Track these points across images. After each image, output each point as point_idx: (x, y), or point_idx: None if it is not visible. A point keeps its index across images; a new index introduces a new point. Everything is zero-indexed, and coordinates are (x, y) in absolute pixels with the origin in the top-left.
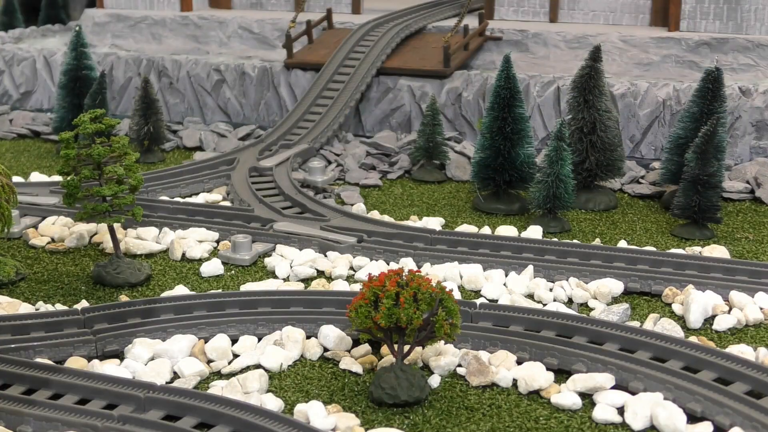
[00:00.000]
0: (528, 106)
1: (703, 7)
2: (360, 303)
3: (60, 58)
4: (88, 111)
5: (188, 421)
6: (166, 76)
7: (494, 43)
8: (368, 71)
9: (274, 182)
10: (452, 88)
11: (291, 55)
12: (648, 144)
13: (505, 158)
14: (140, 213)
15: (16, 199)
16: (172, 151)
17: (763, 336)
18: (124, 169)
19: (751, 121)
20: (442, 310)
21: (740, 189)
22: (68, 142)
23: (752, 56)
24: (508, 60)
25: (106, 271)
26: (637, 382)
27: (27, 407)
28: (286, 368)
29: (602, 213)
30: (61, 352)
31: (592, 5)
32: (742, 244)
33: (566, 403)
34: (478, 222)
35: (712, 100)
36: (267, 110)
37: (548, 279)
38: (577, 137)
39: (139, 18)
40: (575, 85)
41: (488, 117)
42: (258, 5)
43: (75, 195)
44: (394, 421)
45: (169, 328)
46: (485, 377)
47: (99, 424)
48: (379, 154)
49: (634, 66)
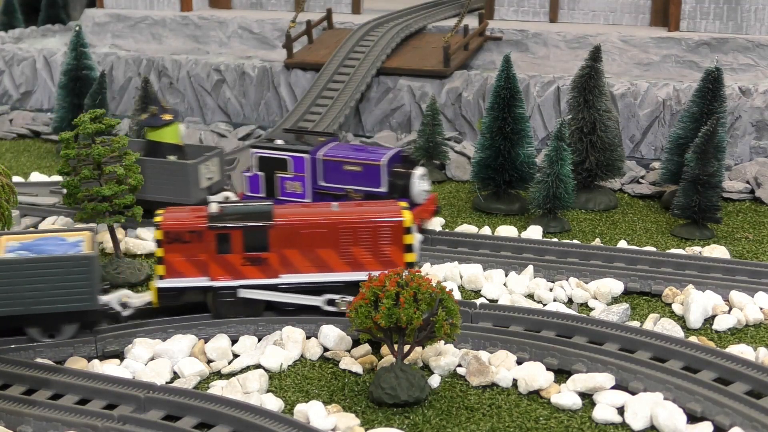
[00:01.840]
0: (528, 106)
1: (703, 7)
2: (360, 303)
3: (60, 58)
4: (88, 111)
5: (188, 421)
6: (166, 76)
7: (494, 43)
8: (368, 71)
9: None
10: (452, 88)
11: (291, 55)
12: (648, 144)
13: (505, 158)
14: (140, 213)
15: (16, 199)
16: None
17: (763, 336)
18: (124, 169)
19: (751, 121)
20: (442, 310)
21: (740, 189)
22: (68, 142)
23: (752, 56)
24: (508, 60)
25: (106, 271)
26: (637, 382)
27: (27, 407)
28: (286, 368)
29: (602, 213)
30: (61, 352)
31: (592, 5)
32: (742, 244)
33: (566, 403)
34: (478, 222)
35: (712, 100)
36: (267, 110)
37: (548, 279)
38: (577, 137)
39: (139, 18)
40: (575, 85)
41: (488, 117)
42: (258, 5)
43: (75, 195)
44: (394, 421)
45: (169, 328)
46: (485, 377)
47: (99, 424)
48: None
49: (634, 66)
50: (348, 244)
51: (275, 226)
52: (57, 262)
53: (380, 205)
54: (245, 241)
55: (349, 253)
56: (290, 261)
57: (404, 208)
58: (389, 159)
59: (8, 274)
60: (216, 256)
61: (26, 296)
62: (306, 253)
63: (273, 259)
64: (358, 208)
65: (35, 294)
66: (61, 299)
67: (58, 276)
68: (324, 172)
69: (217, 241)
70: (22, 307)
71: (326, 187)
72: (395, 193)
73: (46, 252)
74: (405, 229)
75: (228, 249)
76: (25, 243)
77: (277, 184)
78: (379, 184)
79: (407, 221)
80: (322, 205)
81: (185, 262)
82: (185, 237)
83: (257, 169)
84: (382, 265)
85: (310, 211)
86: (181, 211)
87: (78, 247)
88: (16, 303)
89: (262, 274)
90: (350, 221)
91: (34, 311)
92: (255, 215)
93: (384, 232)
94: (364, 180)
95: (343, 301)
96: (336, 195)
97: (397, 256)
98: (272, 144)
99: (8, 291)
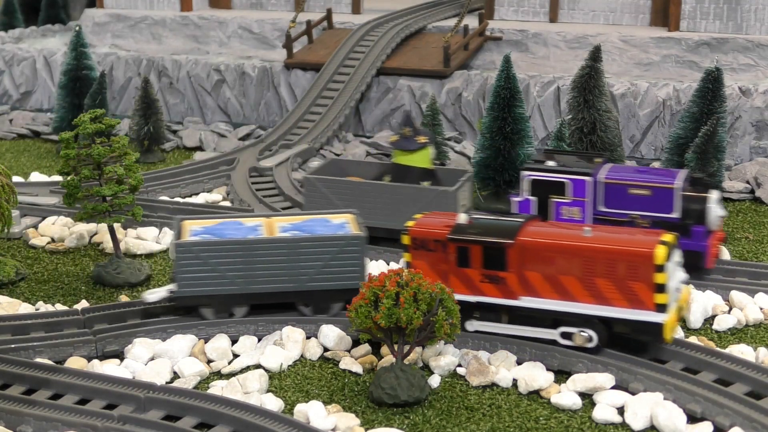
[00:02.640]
0: (528, 106)
1: (703, 7)
2: (360, 303)
3: (60, 58)
4: (88, 111)
5: (188, 421)
6: (166, 76)
7: (494, 43)
8: (368, 71)
9: (274, 182)
10: (452, 88)
11: (291, 55)
12: (648, 144)
13: (505, 158)
14: (140, 213)
15: (16, 199)
16: (172, 151)
17: (763, 336)
18: (124, 169)
19: (751, 121)
20: (442, 310)
21: (740, 189)
22: (68, 142)
23: (752, 56)
24: (508, 60)
25: (106, 271)
26: (637, 383)
27: (27, 407)
28: (286, 368)
29: None
30: (61, 352)
31: (592, 5)
32: (742, 244)
33: (566, 403)
34: None
35: (712, 100)
36: (267, 110)
37: None
38: (577, 137)
39: (139, 18)
40: (575, 85)
41: (488, 117)
42: (258, 5)
43: (75, 195)
44: (394, 421)
45: (169, 328)
46: (485, 377)
47: (99, 424)
48: (379, 154)
49: (634, 66)
50: (591, 274)
51: (515, 245)
52: (331, 241)
53: (639, 233)
54: (484, 257)
55: (592, 283)
56: (531, 283)
57: (663, 241)
58: (682, 181)
59: (285, 251)
60: (456, 269)
61: (301, 273)
62: (547, 276)
63: (512, 279)
64: (610, 235)
65: (309, 272)
66: (332, 277)
67: (330, 255)
68: (605, 196)
69: (457, 254)
70: (296, 283)
71: (607, 212)
72: (689, 220)
73: (316, 233)
74: (656, 267)
75: (467, 263)
76: (296, 224)
77: (551, 209)
78: (671, 210)
79: (659, 257)
80: (573, 227)
81: (429, 270)
82: (430, 245)
83: (529, 193)
84: (628, 302)
85: (559, 233)
86: (436, 216)
87: (345, 228)
88: (291, 280)
89: (500, 293)
90: (594, 249)
91: (307, 288)
92: (497, 231)
93: (631, 265)
94: (653, 205)
95: (581, 335)
96: (619, 221)
97: (645, 294)
98: (547, 166)
99: (284, 268)
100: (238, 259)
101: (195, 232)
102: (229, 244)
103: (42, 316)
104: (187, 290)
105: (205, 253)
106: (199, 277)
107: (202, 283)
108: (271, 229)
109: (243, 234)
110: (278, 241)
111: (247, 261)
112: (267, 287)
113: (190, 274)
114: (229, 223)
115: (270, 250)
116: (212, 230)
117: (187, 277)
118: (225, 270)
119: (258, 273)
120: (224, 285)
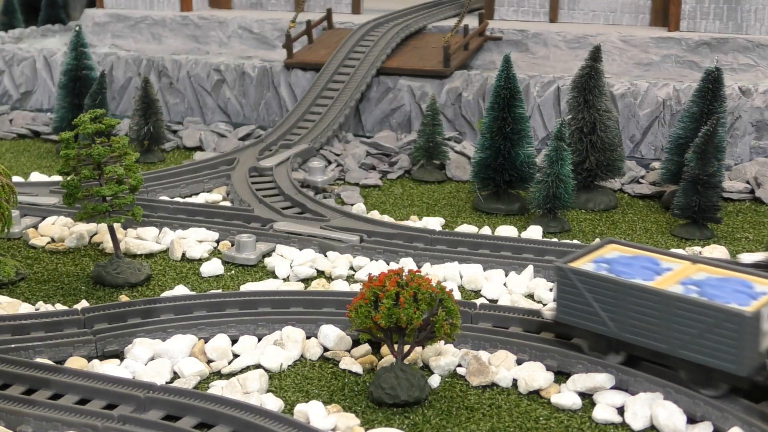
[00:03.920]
0: (528, 106)
1: (703, 7)
2: (360, 303)
3: (60, 58)
4: (88, 111)
5: (188, 421)
6: (166, 76)
7: (494, 43)
8: (368, 71)
9: (274, 182)
10: (452, 88)
11: (291, 55)
12: (648, 144)
13: (505, 158)
14: (140, 213)
15: (16, 199)
16: (172, 151)
17: None
18: (124, 169)
19: (751, 121)
20: (442, 310)
21: (740, 189)
22: (68, 142)
23: (752, 56)
24: (508, 60)
25: (106, 271)
26: (637, 385)
27: (27, 407)
28: (286, 368)
29: (602, 213)
30: (61, 352)
31: (592, 5)
32: (742, 244)
33: (566, 403)
34: (478, 222)
35: (712, 100)
36: (267, 110)
37: (548, 279)
38: (577, 137)
39: (139, 18)
40: (575, 85)
41: (488, 117)
42: (258, 5)
43: (75, 195)
44: (394, 421)
45: (169, 328)
46: (485, 377)
47: (99, 424)
48: (379, 154)
49: (634, 66)
50: None
51: None
52: (706, 309)
53: None
54: None
55: None
56: None
57: None
58: None
59: (659, 306)
60: None
61: (674, 336)
62: None
63: None
64: None
65: (683, 337)
66: (707, 351)
67: (706, 326)
68: None
69: None
70: (668, 345)
71: None
72: None
73: (710, 296)
74: None
75: None
76: (706, 279)
77: None
78: None
79: None
80: None
81: None
82: None
83: None
84: None
85: None
86: None
87: (754, 299)
88: (664, 339)
89: None
90: None
91: (680, 355)
92: None
93: None
94: None
95: None
96: None
97: None
98: None
99: (658, 324)
100: (613, 300)
101: (600, 259)
102: (605, 282)
103: (42, 316)
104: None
105: (583, 284)
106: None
107: (578, 315)
108: (677, 277)
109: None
110: (654, 294)
111: (621, 305)
112: (641, 340)
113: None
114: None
115: (646, 301)
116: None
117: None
118: (602, 308)
119: (633, 322)
120: (597, 324)
